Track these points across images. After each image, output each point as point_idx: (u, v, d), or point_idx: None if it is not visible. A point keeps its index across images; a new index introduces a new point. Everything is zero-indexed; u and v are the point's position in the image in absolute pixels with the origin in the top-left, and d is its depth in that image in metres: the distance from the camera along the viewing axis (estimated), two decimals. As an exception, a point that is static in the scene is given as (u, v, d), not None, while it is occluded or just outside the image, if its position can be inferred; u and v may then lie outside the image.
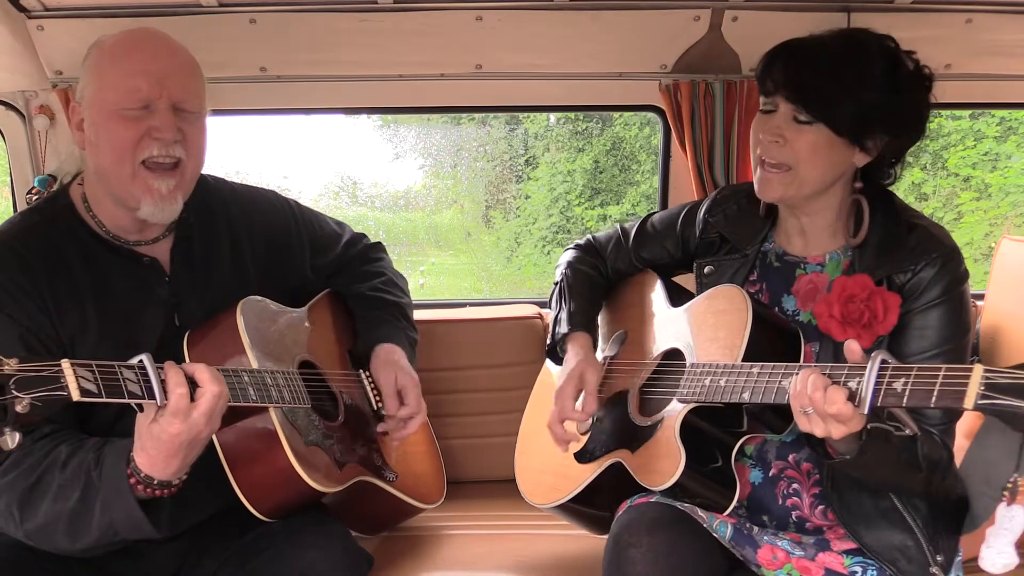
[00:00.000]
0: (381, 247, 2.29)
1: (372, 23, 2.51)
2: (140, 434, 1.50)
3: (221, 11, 2.48)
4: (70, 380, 1.34)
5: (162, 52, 1.72)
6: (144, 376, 1.44)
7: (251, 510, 1.69)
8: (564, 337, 2.01)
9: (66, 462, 1.57)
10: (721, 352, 1.73)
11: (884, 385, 1.37)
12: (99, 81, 1.70)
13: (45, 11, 2.44)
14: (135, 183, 1.69)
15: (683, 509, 1.70)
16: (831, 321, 1.71)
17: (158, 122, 1.67)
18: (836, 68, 1.68)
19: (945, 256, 1.70)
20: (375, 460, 1.99)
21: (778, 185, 1.75)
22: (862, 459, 1.51)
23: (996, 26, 2.53)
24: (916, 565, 1.67)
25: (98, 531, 1.55)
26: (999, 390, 1.25)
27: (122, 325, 1.74)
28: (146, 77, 1.67)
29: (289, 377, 1.79)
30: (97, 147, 1.71)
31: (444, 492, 2.26)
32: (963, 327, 1.71)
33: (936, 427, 1.65)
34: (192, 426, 1.48)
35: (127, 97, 1.67)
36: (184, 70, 1.74)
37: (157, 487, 1.53)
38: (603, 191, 8.67)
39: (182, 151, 1.71)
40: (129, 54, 1.70)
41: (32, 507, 1.56)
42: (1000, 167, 7.55)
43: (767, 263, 1.88)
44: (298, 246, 2.06)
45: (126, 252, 1.79)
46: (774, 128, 1.72)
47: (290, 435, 1.70)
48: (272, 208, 2.05)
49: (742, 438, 1.73)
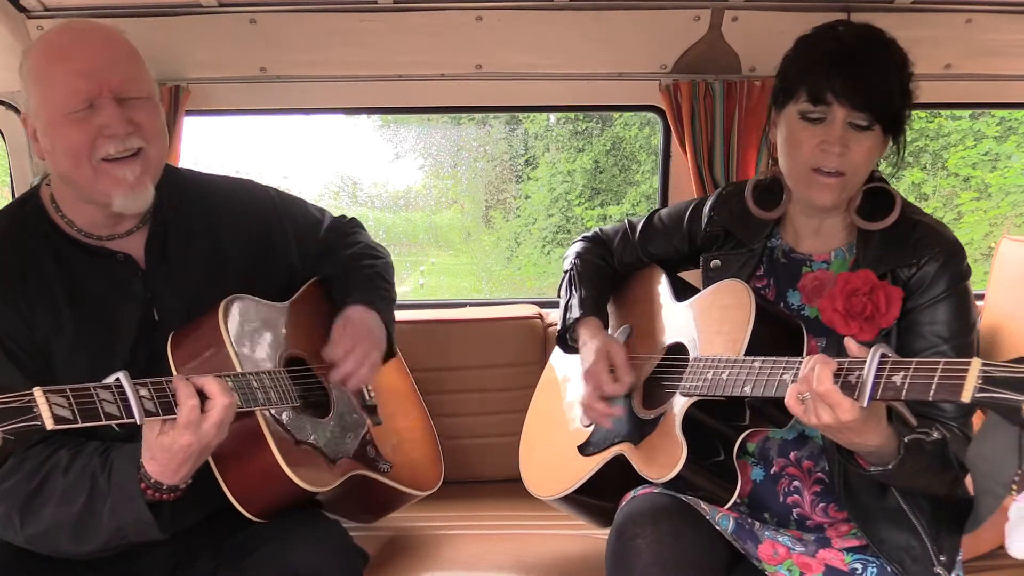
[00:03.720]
0: (356, 223, 2.21)
1: (372, 23, 2.52)
2: (148, 445, 1.51)
3: (221, 11, 2.49)
4: (43, 409, 1.31)
5: (93, 46, 1.66)
6: (122, 395, 1.42)
7: (243, 513, 1.69)
8: (576, 322, 2.02)
9: (68, 467, 1.57)
10: (724, 346, 1.74)
11: (884, 378, 1.37)
12: (39, 89, 1.66)
13: (45, 11, 2.45)
14: (99, 179, 1.66)
15: (686, 501, 1.70)
16: (835, 315, 1.72)
17: (105, 119, 1.62)
18: (882, 68, 1.69)
19: (948, 250, 1.71)
20: (368, 452, 1.96)
21: (837, 190, 1.73)
22: (900, 471, 1.52)
23: (996, 26, 2.53)
24: (921, 565, 1.67)
25: (106, 534, 1.55)
26: (997, 383, 1.24)
27: (98, 324, 1.71)
28: (83, 76, 1.62)
29: (275, 377, 1.76)
30: (54, 154, 1.67)
31: (441, 477, 2.23)
32: (970, 322, 1.72)
33: (955, 420, 1.65)
34: (203, 437, 1.49)
35: (69, 100, 1.62)
36: (120, 58, 1.68)
37: (166, 491, 1.54)
38: (603, 191, 8.67)
39: (139, 140, 1.66)
40: (62, 55, 1.65)
41: (34, 512, 1.56)
42: (1000, 167, 7.55)
43: (774, 259, 1.89)
44: (280, 235, 2.00)
45: (98, 250, 1.76)
46: (838, 138, 1.69)
47: (278, 437, 1.69)
48: (252, 199, 2.00)
49: (744, 432, 1.73)
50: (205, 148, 7.16)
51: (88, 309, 1.72)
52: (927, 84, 2.60)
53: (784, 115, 1.77)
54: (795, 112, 1.73)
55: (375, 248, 2.15)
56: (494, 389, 2.66)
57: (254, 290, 1.86)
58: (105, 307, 1.73)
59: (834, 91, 1.68)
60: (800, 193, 1.79)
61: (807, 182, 1.75)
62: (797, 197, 1.82)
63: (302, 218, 2.08)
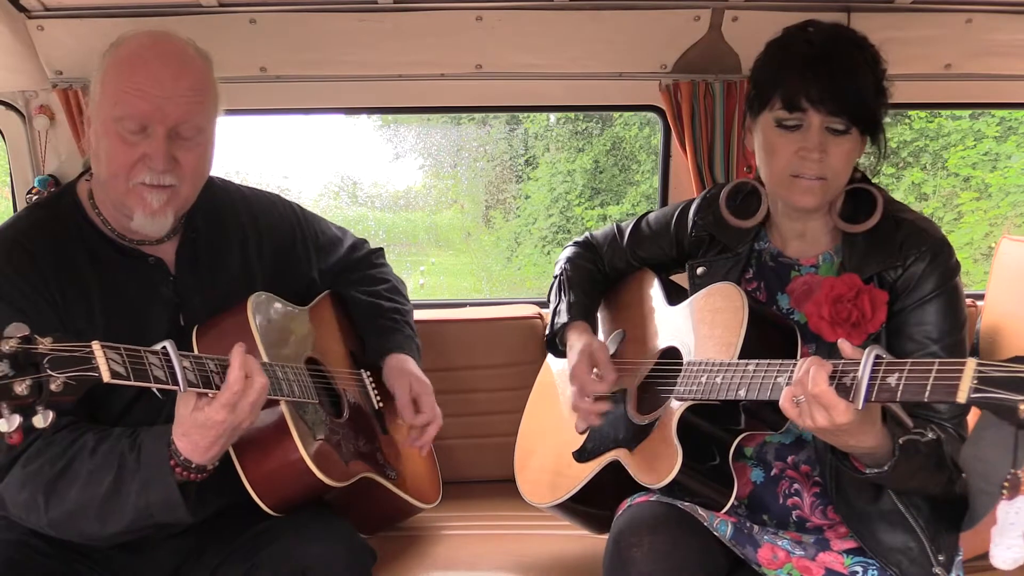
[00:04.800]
0: (382, 253, 2.33)
1: (372, 23, 2.52)
2: (182, 420, 1.53)
3: (221, 11, 2.49)
4: (100, 362, 1.35)
5: (167, 71, 1.67)
6: (168, 362, 1.46)
7: (259, 503, 1.70)
8: (564, 327, 2.02)
9: (95, 448, 1.59)
10: (718, 350, 1.73)
11: (879, 380, 1.37)
12: (103, 90, 1.69)
13: (45, 11, 2.44)
14: (129, 195, 1.70)
15: (683, 508, 1.70)
16: (821, 322, 1.70)
17: (150, 150, 1.66)
18: (858, 70, 1.67)
19: (934, 249, 1.70)
20: (377, 457, 2.00)
21: (820, 193, 1.71)
22: (895, 473, 1.52)
23: (996, 26, 2.53)
24: (919, 566, 1.66)
25: (133, 512, 1.56)
26: (992, 383, 1.24)
27: (128, 323, 1.74)
28: (146, 100, 1.65)
29: (298, 372, 1.81)
30: (98, 158, 1.72)
31: (440, 493, 2.27)
32: (960, 319, 1.70)
33: (950, 421, 1.65)
34: (238, 415, 1.52)
35: (125, 116, 1.65)
36: (188, 92, 1.69)
37: (195, 471, 1.56)
38: (603, 191, 8.68)
39: (173, 178, 1.70)
40: (135, 70, 1.66)
41: (59, 494, 1.58)
42: (1000, 167, 7.56)
43: (762, 262, 1.88)
44: (303, 249, 2.08)
45: (131, 251, 1.80)
46: (816, 144, 1.67)
47: (300, 429, 1.72)
48: (278, 212, 2.07)
49: (740, 436, 1.73)
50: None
51: (120, 307, 1.75)
52: (927, 84, 2.62)
53: (760, 122, 1.75)
54: (771, 119, 1.71)
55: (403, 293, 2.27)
56: (494, 389, 2.66)
57: None
58: (136, 306, 1.77)
59: (809, 98, 1.65)
60: (782, 198, 1.78)
61: (787, 187, 1.73)
62: (779, 201, 1.81)
63: (323, 235, 2.16)
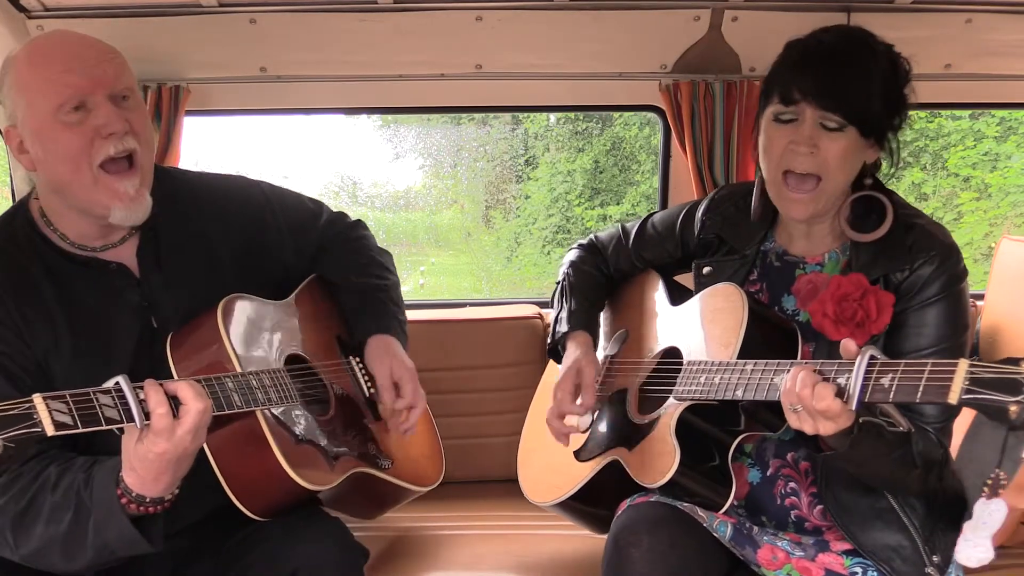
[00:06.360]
0: (362, 224, 2.19)
1: (372, 23, 2.52)
2: (127, 455, 1.47)
3: (221, 11, 2.49)
4: (43, 415, 1.30)
5: (79, 46, 1.64)
6: (122, 399, 1.41)
7: (244, 512, 1.69)
8: (564, 336, 2.01)
9: (56, 483, 1.55)
10: (717, 350, 1.74)
11: (872, 381, 1.37)
12: (26, 95, 1.62)
13: (45, 11, 2.45)
14: (99, 190, 1.64)
15: (683, 509, 1.70)
16: (824, 320, 1.70)
17: (102, 119, 1.60)
18: (859, 69, 1.66)
19: (943, 254, 1.70)
20: (369, 449, 1.96)
21: (810, 203, 1.71)
22: (854, 453, 1.51)
23: (996, 26, 2.53)
24: (911, 565, 1.66)
25: (93, 551, 1.53)
26: (983, 384, 1.25)
27: (95, 336, 1.70)
28: (73, 73, 1.59)
29: (276, 376, 1.75)
30: (47, 162, 1.64)
31: (442, 473, 2.21)
32: (960, 325, 1.70)
33: (932, 425, 1.65)
34: (178, 444, 1.45)
35: (60, 99, 1.59)
36: (107, 55, 1.65)
37: (150, 504, 1.50)
38: (603, 191, 8.67)
39: (133, 141, 1.64)
40: (50, 58, 1.62)
41: (26, 531, 1.54)
42: (1000, 167, 7.56)
43: (768, 263, 1.88)
44: (275, 231, 1.97)
45: (91, 261, 1.73)
46: (806, 137, 1.67)
47: (279, 437, 1.68)
48: (243, 194, 1.96)
49: (739, 436, 1.72)
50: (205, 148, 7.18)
51: (84, 321, 1.70)
52: (927, 84, 2.61)
53: (763, 119, 1.76)
54: (770, 114, 1.73)
55: (385, 266, 2.13)
56: (494, 389, 2.66)
57: (250, 288, 1.84)
58: (101, 318, 1.72)
59: (802, 90, 1.66)
60: (775, 204, 1.78)
61: (778, 193, 1.74)
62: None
63: (295, 211, 2.04)
